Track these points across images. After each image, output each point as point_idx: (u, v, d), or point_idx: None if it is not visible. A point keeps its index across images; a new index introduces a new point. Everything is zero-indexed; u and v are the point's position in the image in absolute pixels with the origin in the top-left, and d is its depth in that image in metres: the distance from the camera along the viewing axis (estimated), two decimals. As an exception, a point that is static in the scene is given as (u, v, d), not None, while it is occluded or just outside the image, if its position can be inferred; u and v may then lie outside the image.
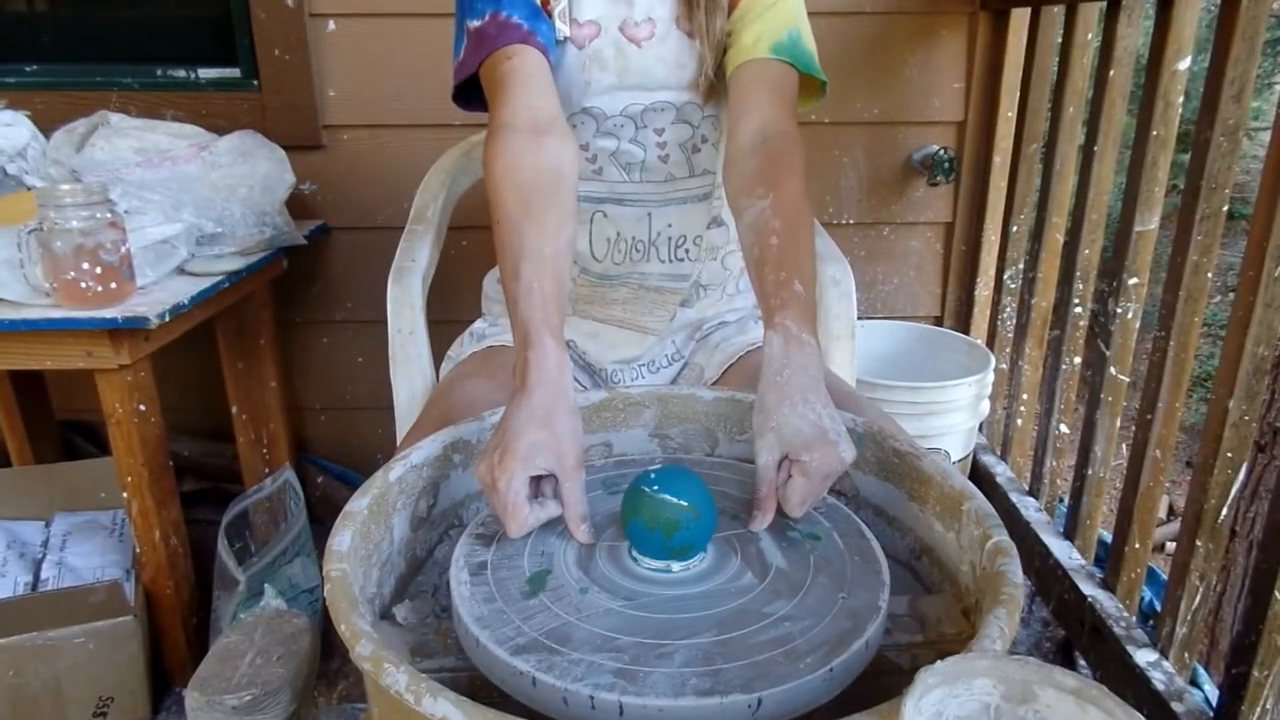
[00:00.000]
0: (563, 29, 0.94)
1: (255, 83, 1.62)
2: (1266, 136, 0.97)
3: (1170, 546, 2.40)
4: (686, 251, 1.05)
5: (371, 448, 1.88)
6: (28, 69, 1.65)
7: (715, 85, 0.98)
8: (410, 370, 1.12)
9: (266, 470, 1.65)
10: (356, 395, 1.85)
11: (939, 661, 0.47)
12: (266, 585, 1.23)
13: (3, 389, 1.61)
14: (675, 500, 0.63)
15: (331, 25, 1.61)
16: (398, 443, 1.06)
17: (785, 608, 0.61)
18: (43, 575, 1.35)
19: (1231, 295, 1.07)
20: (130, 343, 1.16)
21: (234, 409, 1.65)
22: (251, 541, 1.40)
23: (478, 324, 1.19)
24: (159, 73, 1.65)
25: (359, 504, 0.69)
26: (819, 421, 0.69)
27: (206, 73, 1.66)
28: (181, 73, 1.66)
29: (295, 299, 1.76)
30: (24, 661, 1.18)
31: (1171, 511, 2.81)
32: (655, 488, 0.64)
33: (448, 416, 0.86)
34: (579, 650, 0.57)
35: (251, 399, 1.65)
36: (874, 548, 0.69)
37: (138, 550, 1.27)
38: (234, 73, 1.65)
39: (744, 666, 0.55)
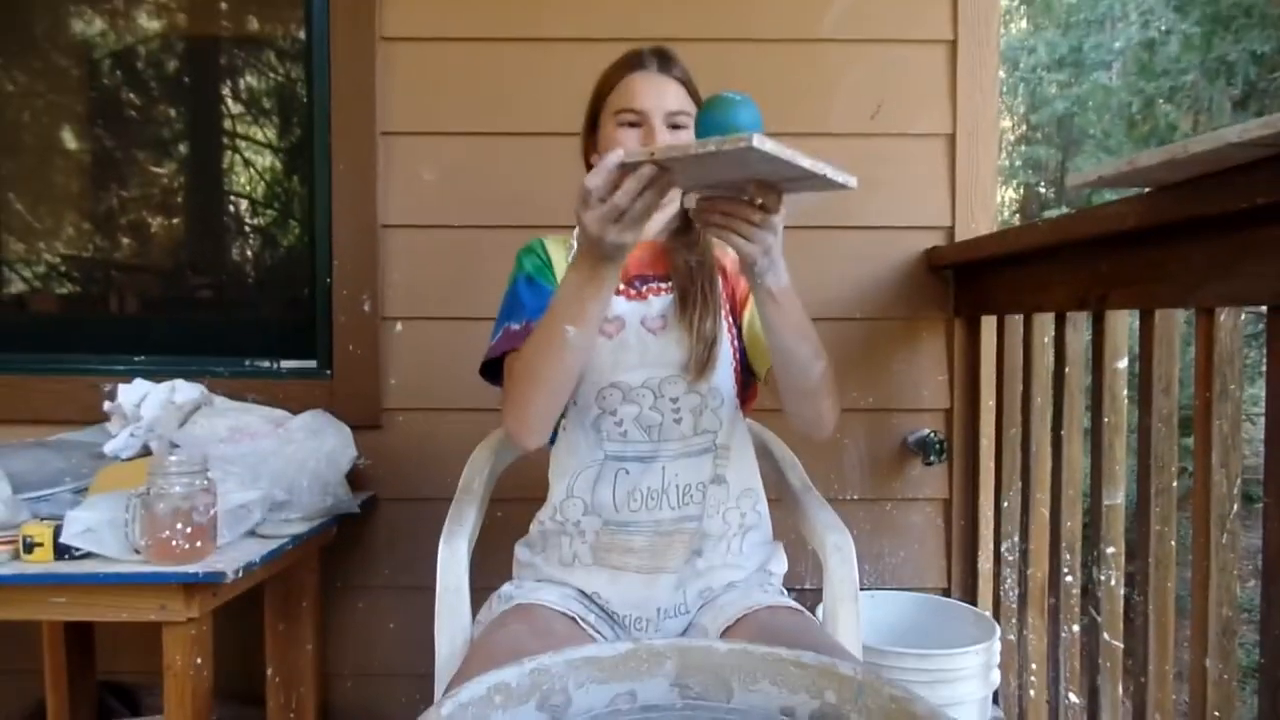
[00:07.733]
0: None
1: (329, 372, 1.88)
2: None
3: None
4: (691, 497, 1.22)
5: (395, 717, 1.90)
6: (136, 359, 1.92)
7: (704, 368, 1.20)
8: (453, 624, 1.23)
9: (292, 736, 1.67)
10: (385, 662, 1.91)
11: None
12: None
13: (56, 648, 1.70)
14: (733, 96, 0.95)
15: (399, 327, 1.89)
16: (435, 695, 1.13)
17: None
18: (71, 835, 1.36)
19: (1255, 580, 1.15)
20: (200, 597, 1.28)
21: (269, 670, 1.71)
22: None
23: (505, 587, 1.30)
24: (246, 363, 1.92)
25: (417, 731, 0.78)
26: None
27: (287, 363, 1.93)
28: (266, 363, 1.93)
29: (338, 565, 1.89)
30: None
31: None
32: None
33: (489, 659, 0.97)
34: None
35: (287, 662, 1.72)
36: (874, 780, 0.77)
37: (168, 809, 1.30)
38: (311, 364, 1.92)
39: None
